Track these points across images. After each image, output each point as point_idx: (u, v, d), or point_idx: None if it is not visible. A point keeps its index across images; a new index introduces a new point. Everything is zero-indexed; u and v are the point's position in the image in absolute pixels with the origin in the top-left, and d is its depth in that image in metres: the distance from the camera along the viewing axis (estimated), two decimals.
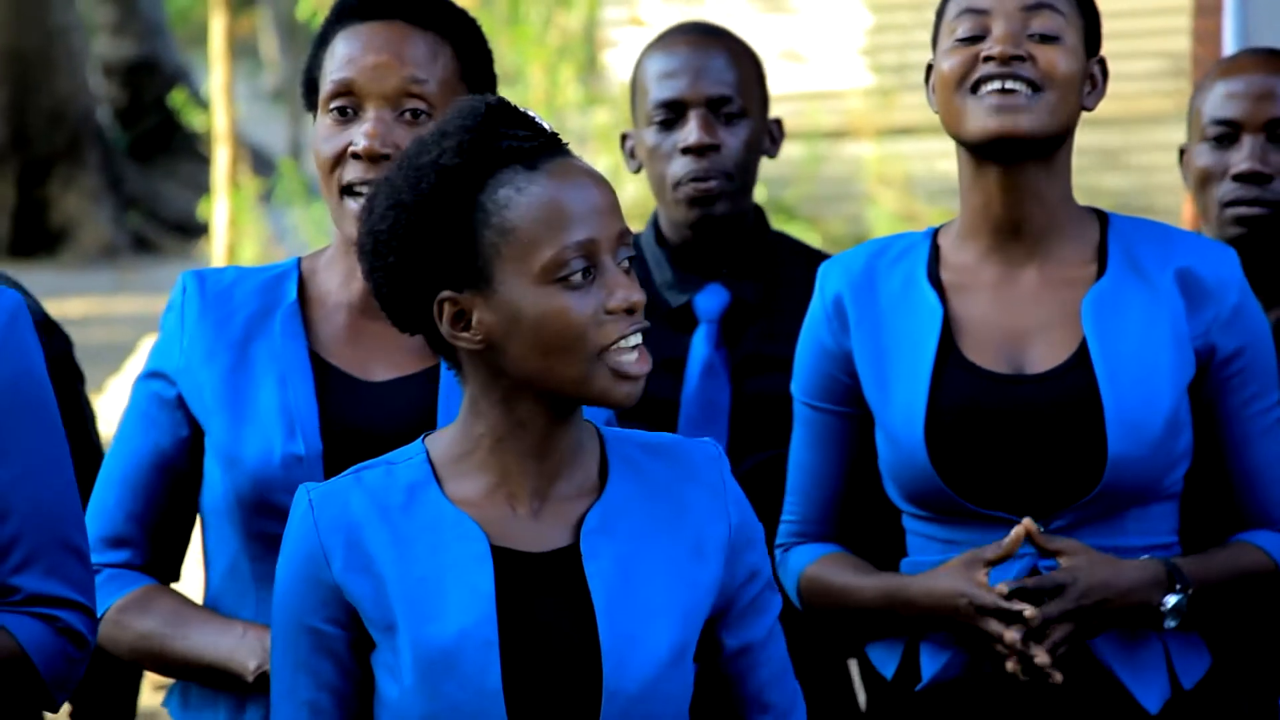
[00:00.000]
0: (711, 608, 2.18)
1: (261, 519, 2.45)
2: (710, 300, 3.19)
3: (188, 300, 2.51)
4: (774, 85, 3.34)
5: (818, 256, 3.25)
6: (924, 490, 2.59)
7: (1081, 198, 2.74)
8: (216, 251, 9.79)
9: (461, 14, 2.53)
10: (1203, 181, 3.11)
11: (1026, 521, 2.53)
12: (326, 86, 2.48)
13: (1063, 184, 2.62)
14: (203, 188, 12.67)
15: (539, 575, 2.13)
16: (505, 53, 9.21)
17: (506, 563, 2.13)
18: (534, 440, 2.15)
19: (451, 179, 2.11)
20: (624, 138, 3.27)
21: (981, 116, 2.56)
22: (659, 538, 2.16)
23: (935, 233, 2.69)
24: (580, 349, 2.11)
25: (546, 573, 2.14)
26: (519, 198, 2.11)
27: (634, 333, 2.11)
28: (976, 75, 2.57)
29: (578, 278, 2.10)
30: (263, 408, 2.46)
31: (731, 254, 3.20)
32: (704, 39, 3.22)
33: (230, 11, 9.91)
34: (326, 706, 2.15)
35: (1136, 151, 9.53)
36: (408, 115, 2.46)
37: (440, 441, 2.19)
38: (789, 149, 8.90)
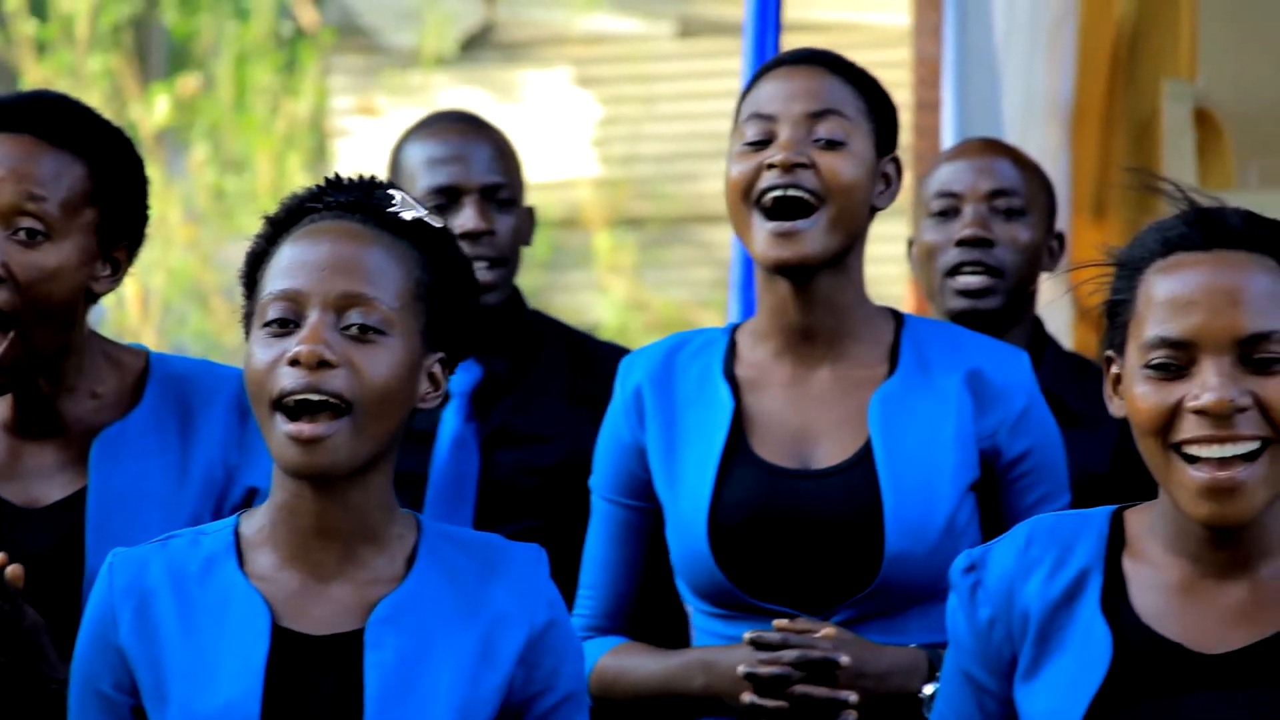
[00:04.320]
0: (499, 711, 2.13)
1: None
2: (462, 375, 3.19)
3: None
4: None
5: (576, 335, 3.29)
6: (708, 584, 2.58)
7: None
8: None
9: (104, 130, 2.45)
10: (927, 257, 3.19)
11: (778, 623, 2.52)
12: None
13: (855, 287, 2.63)
14: None
15: (317, 658, 2.10)
16: (231, 141, 9.12)
17: (286, 642, 2.10)
18: (309, 516, 2.12)
19: (263, 236, 2.15)
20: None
21: (764, 244, 2.57)
22: (449, 633, 2.12)
23: (734, 329, 2.69)
24: (259, 397, 2.09)
25: (325, 656, 2.10)
26: (276, 252, 2.13)
27: (300, 387, 2.06)
28: (761, 185, 2.57)
29: (274, 326, 2.09)
30: None
31: (488, 333, 3.21)
32: (452, 129, 3.26)
33: None
34: None
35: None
36: (21, 234, 2.37)
37: (252, 516, 2.17)
38: None
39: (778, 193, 2.57)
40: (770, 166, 2.57)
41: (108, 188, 2.42)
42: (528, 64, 9.62)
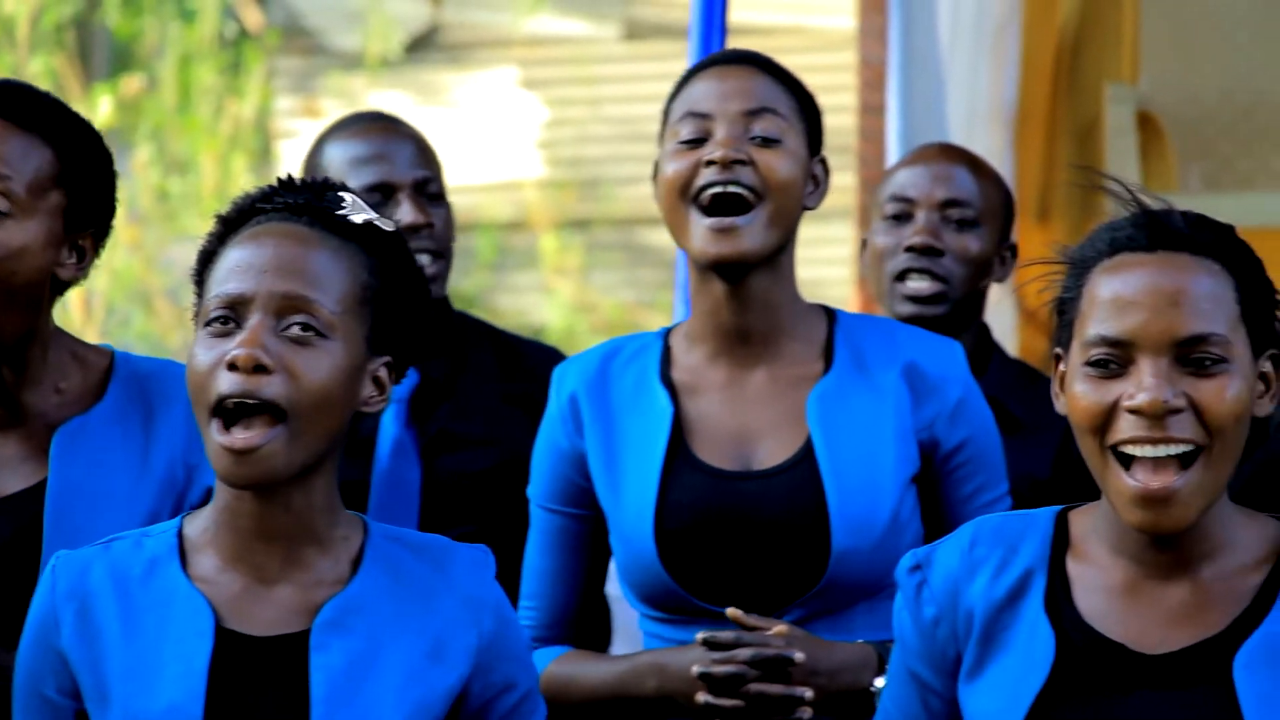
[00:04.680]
0: (449, 713, 2.13)
1: None
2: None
3: None
4: (450, 177, 3.37)
5: (502, 335, 3.28)
6: (656, 590, 2.59)
7: None
8: None
9: (73, 121, 2.46)
10: (877, 260, 3.20)
11: (731, 611, 2.53)
12: None
13: (788, 285, 2.64)
14: None
15: (261, 660, 2.10)
16: (175, 142, 9.08)
17: (230, 644, 2.10)
18: (250, 519, 2.12)
19: (214, 235, 2.14)
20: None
21: (702, 240, 2.58)
22: (398, 635, 2.12)
23: (667, 333, 2.69)
24: (198, 401, 2.09)
25: (270, 658, 2.10)
26: (224, 252, 2.13)
27: (236, 392, 2.06)
28: (699, 182, 2.58)
29: (216, 326, 2.09)
30: None
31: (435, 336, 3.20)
32: (373, 128, 3.24)
33: None
34: None
35: (805, 246, 9.72)
36: None
37: (196, 517, 2.16)
38: (467, 239, 8.90)
39: (716, 189, 2.58)
40: (709, 163, 2.58)
41: (74, 173, 2.43)
42: (472, 66, 9.60)
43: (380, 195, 3.18)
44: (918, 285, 3.18)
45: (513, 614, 2.18)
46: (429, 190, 3.21)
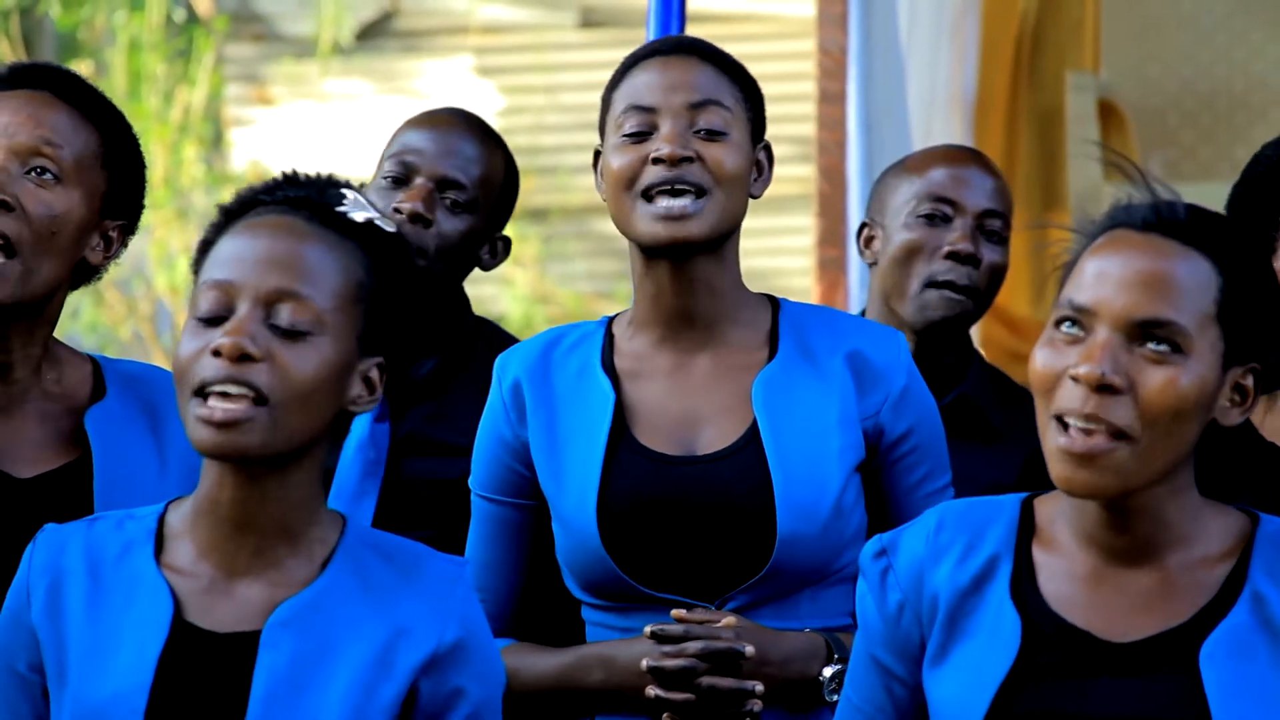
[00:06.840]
0: (401, 715, 2.11)
1: None
2: None
3: None
4: None
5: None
6: (599, 577, 2.57)
7: None
8: None
9: (115, 111, 2.55)
10: (908, 254, 3.14)
11: (676, 613, 2.52)
12: None
13: (732, 272, 2.63)
14: None
15: (213, 656, 2.09)
16: None
17: (184, 637, 2.09)
18: (227, 506, 2.11)
19: (214, 225, 2.14)
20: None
21: (650, 224, 2.57)
22: (351, 640, 2.10)
23: (609, 322, 2.68)
24: (182, 385, 2.08)
25: (221, 655, 2.08)
26: (219, 241, 2.13)
27: (220, 378, 2.05)
28: (646, 179, 2.57)
29: (206, 316, 2.08)
30: None
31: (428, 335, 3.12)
32: (451, 122, 3.14)
33: None
34: None
35: (765, 235, 9.69)
36: (34, 174, 2.45)
37: (181, 504, 2.16)
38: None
39: (664, 188, 2.57)
40: (656, 161, 2.57)
41: (116, 160, 2.52)
42: (427, 53, 9.55)
43: (399, 179, 3.07)
44: (953, 296, 3.13)
45: (485, 632, 2.15)
46: (453, 195, 3.07)
